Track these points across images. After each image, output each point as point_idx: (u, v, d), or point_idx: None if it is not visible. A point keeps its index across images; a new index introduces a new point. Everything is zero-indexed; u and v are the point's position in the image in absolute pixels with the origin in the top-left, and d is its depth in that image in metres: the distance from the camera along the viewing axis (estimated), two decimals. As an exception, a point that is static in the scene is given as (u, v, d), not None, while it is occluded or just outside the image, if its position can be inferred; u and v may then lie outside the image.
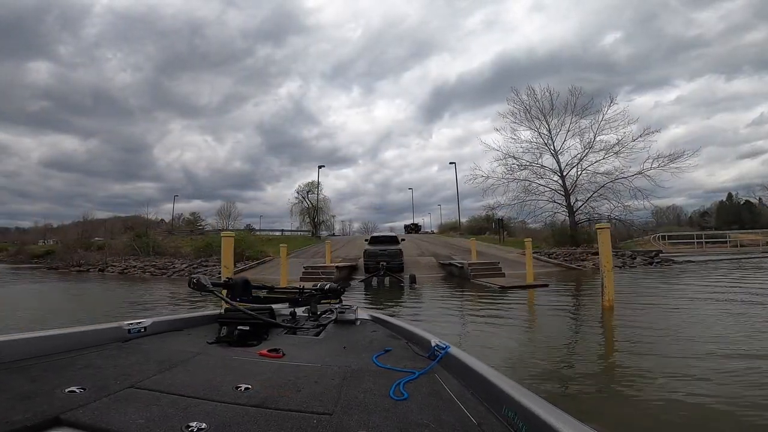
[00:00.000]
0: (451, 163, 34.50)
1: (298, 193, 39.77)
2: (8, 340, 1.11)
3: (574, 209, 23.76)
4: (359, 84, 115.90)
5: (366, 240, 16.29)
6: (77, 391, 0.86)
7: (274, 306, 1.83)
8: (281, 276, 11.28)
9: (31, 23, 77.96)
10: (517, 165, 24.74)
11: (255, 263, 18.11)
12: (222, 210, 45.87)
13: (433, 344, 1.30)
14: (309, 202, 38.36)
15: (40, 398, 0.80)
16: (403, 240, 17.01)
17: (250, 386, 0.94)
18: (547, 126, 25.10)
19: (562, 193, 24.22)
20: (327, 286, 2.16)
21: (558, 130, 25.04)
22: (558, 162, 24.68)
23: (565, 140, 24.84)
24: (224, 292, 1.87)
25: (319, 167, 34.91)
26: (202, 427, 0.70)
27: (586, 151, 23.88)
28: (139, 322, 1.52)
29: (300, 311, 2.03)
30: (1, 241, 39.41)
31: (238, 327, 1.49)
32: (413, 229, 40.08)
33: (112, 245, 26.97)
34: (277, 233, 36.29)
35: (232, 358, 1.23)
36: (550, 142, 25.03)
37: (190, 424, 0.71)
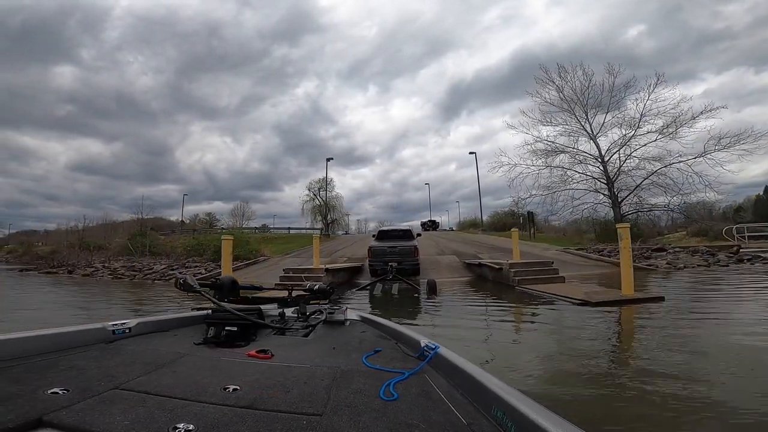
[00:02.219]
0: (471, 152, 30.40)
1: (309, 190, 36.40)
2: None
3: (619, 200, 19.48)
4: (375, 83, 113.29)
5: (373, 236, 12.69)
6: (60, 392, 0.80)
7: (262, 306, 1.75)
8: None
9: (54, 27, 78.17)
10: (550, 149, 20.69)
11: (243, 264, 14.71)
12: (235, 210, 43.50)
13: (422, 345, 1.23)
14: (320, 200, 35.02)
15: (22, 400, 0.75)
16: (419, 235, 13.34)
17: (238, 387, 0.88)
18: (582, 107, 20.95)
19: (603, 181, 19.97)
20: (316, 287, 2.01)
21: (595, 111, 20.88)
22: (597, 146, 20.47)
23: (603, 122, 20.66)
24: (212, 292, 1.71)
25: (328, 160, 31.05)
26: (190, 428, 0.66)
27: (632, 132, 19.59)
28: (124, 323, 1.43)
29: (289, 312, 1.91)
30: (20, 243, 37.96)
31: (226, 327, 1.40)
32: (431, 226, 35.92)
33: (111, 246, 24.55)
34: (284, 231, 33.10)
35: (219, 359, 1.17)
36: (586, 124, 20.90)
37: (177, 425, 0.66)
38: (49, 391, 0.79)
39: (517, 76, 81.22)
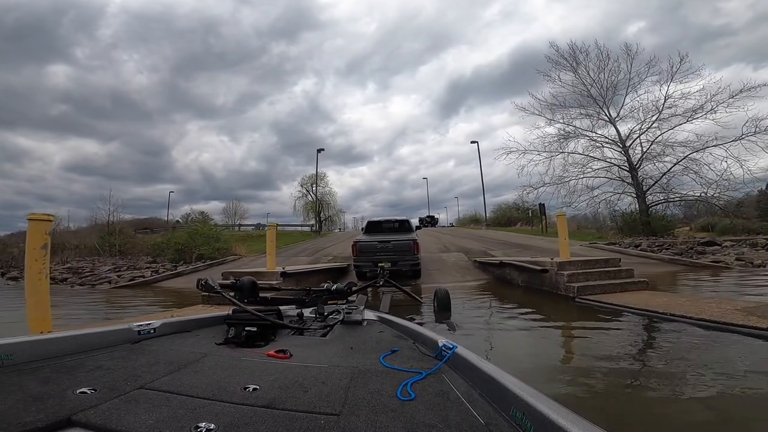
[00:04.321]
0: (473, 141, 27.71)
1: (302, 186, 33.50)
2: (20, 342, 1.03)
3: (644, 188, 16.66)
4: (374, 80, 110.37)
5: (362, 228, 9.82)
6: (88, 392, 0.80)
7: (281, 307, 1.74)
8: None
9: (48, 25, 74.51)
10: (564, 134, 17.89)
11: (204, 265, 11.68)
12: (227, 209, 40.61)
13: (440, 344, 1.17)
14: (313, 196, 32.09)
15: (52, 399, 0.75)
16: (418, 228, 10.48)
17: (258, 387, 0.86)
18: (599, 88, 18.16)
19: (626, 169, 17.16)
20: (334, 287, 1.97)
21: (613, 93, 18.10)
22: (617, 130, 17.66)
23: (623, 104, 17.88)
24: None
25: (318, 151, 28.12)
26: (211, 427, 0.65)
27: (657, 115, 16.76)
28: (149, 324, 1.41)
29: (307, 312, 1.86)
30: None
31: (246, 328, 1.38)
32: (429, 222, 32.97)
33: (80, 245, 21.68)
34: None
35: (240, 359, 1.14)
36: (604, 107, 18.10)
37: (199, 424, 0.66)
38: (77, 391, 0.79)
39: (516, 73, 78.30)
